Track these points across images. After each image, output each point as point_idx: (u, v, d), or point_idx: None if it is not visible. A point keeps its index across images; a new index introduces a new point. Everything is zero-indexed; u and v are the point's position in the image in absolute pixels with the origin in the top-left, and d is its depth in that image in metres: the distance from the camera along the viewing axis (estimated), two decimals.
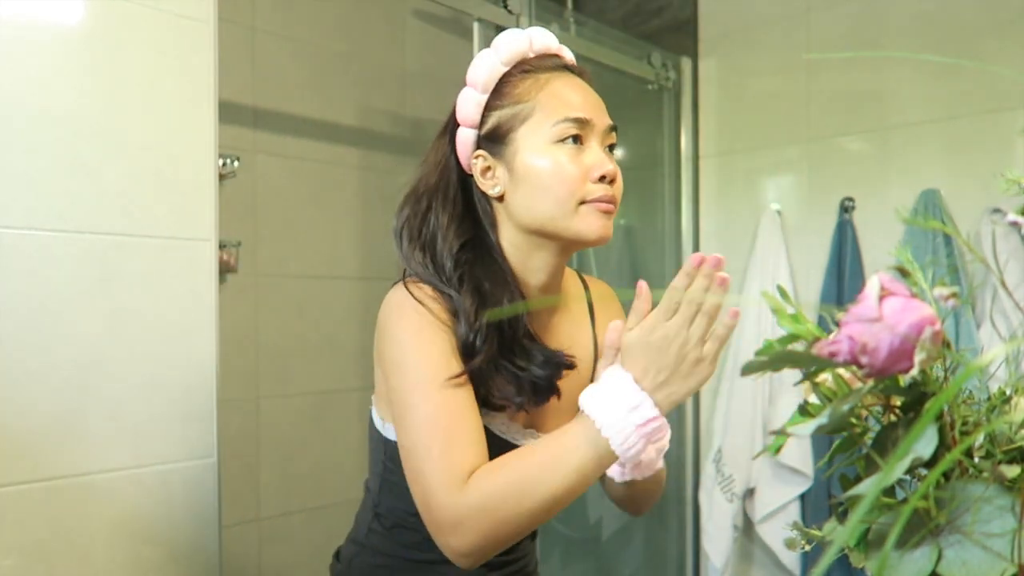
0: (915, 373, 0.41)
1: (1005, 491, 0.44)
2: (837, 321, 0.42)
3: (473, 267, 0.89)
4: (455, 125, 0.94)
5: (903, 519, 0.33)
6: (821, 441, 1.98)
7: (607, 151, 0.91)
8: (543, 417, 0.96)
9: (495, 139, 0.90)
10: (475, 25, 1.79)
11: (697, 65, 2.39)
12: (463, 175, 0.94)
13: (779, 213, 2.21)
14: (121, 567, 1.12)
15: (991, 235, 1.72)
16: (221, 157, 1.78)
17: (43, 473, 1.05)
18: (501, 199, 0.91)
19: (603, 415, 0.76)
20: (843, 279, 2.05)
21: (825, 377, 0.52)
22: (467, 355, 0.85)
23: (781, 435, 0.54)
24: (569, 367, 0.90)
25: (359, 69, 2.23)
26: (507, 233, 0.92)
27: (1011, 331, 1.60)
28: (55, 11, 1.07)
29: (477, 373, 0.85)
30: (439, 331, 0.85)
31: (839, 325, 0.42)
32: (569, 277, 1.03)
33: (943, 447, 0.46)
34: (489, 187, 0.91)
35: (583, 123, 0.88)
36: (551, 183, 0.87)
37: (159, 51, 1.16)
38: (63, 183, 1.08)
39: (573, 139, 0.88)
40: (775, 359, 0.46)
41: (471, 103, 0.92)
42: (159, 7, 1.16)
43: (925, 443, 0.43)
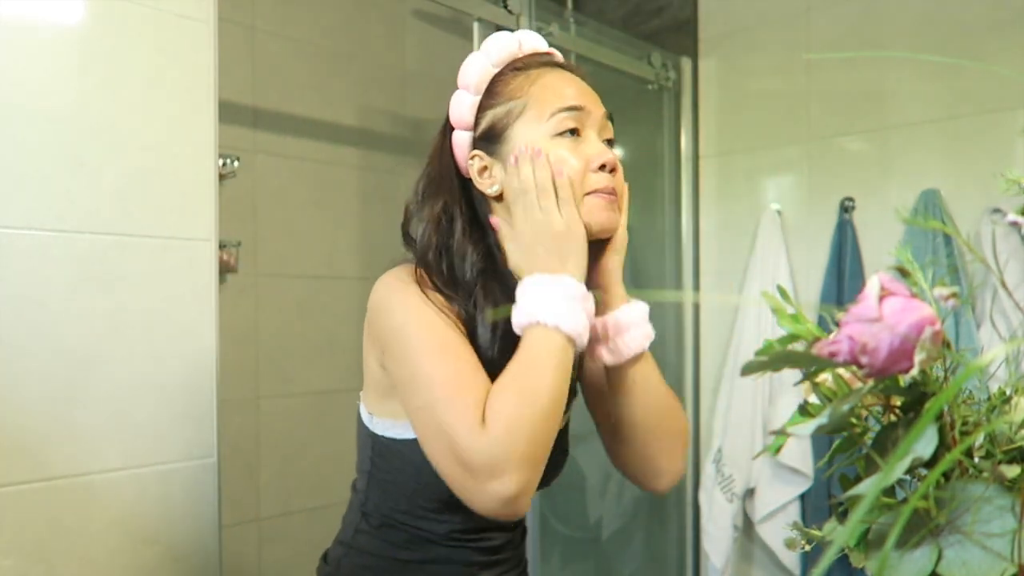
0: (915, 373, 0.41)
1: (1005, 491, 0.44)
2: (837, 321, 0.42)
3: (487, 279, 0.89)
4: (450, 129, 0.93)
5: (903, 519, 0.33)
6: (821, 441, 1.98)
7: (605, 144, 0.91)
8: None
9: (490, 138, 0.90)
10: (475, 25, 1.78)
11: (697, 65, 2.39)
12: (463, 180, 0.93)
13: (779, 213, 2.21)
14: (121, 567, 1.12)
15: (991, 235, 1.72)
16: (221, 157, 1.78)
17: (43, 473, 1.05)
18: (500, 198, 0.90)
19: (528, 309, 0.80)
20: (843, 279, 2.05)
21: (825, 377, 0.52)
22: (484, 363, 0.85)
23: (781, 435, 0.54)
24: None
25: (359, 69, 2.23)
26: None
27: (1011, 331, 1.60)
28: (55, 11, 1.07)
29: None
30: (431, 306, 0.85)
31: (839, 325, 0.42)
32: None
33: (943, 447, 0.46)
34: (487, 186, 0.90)
35: (579, 111, 0.88)
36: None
37: (159, 51, 1.16)
38: (63, 183, 1.08)
39: (571, 132, 0.87)
40: (775, 359, 0.46)
41: (464, 105, 0.91)
42: (159, 7, 1.16)
43: (925, 443, 0.43)
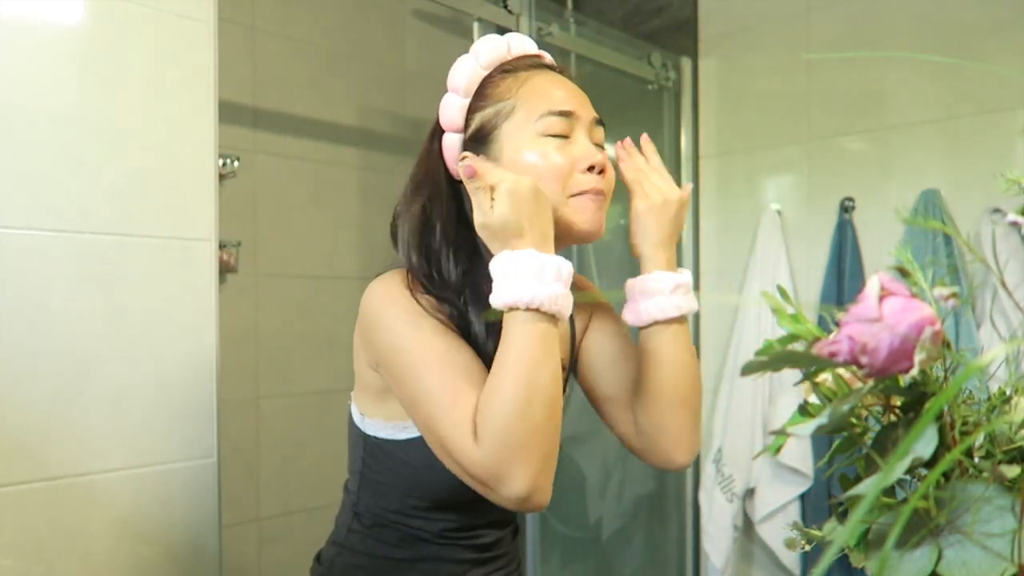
0: (915, 373, 0.41)
1: (1005, 491, 0.44)
2: (837, 321, 0.42)
3: (474, 278, 0.88)
4: (440, 132, 0.93)
5: (903, 519, 0.33)
6: (821, 441, 1.98)
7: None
8: None
9: (480, 140, 0.90)
10: (475, 25, 1.78)
11: (697, 65, 2.39)
12: (453, 182, 0.93)
13: (779, 213, 2.21)
14: (121, 567, 1.11)
15: (991, 235, 1.72)
16: (221, 157, 1.78)
17: (43, 473, 1.05)
18: None
19: (504, 294, 0.78)
20: (843, 279, 2.05)
21: (825, 377, 0.52)
22: (483, 358, 0.84)
23: (781, 435, 0.54)
24: None
25: (359, 69, 2.23)
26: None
27: (1011, 331, 1.60)
28: (55, 11, 1.07)
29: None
30: (422, 314, 0.85)
31: (839, 325, 0.42)
32: None
33: (943, 447, 0.46)
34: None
35: (567, 116, 0.88)
36: (539, 176, 0.85)
37: (159, 51, 1.16)
38: (63, 183, 1.08)
39: (560, 136, 0.87)
40: (775, 359, 0.46)
41: (454, 108, 0.91)
42: (159, 7, 1.16)
43: (925, 443, 0.43)
